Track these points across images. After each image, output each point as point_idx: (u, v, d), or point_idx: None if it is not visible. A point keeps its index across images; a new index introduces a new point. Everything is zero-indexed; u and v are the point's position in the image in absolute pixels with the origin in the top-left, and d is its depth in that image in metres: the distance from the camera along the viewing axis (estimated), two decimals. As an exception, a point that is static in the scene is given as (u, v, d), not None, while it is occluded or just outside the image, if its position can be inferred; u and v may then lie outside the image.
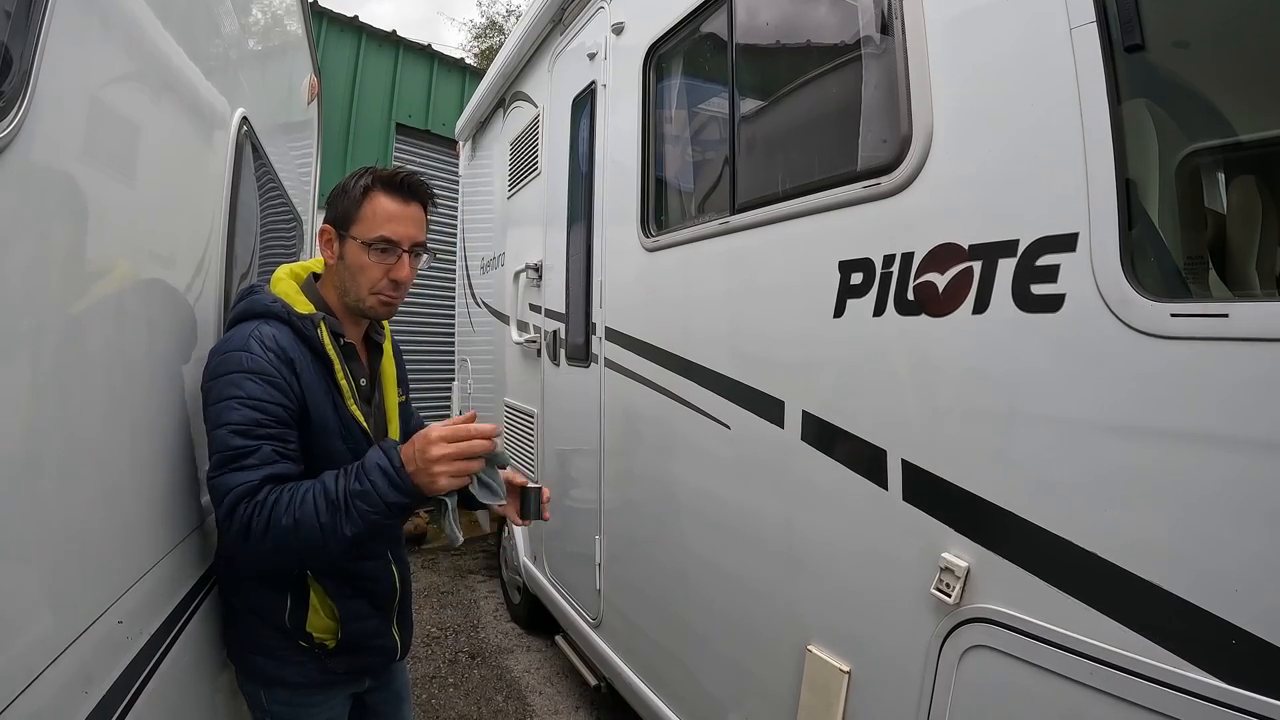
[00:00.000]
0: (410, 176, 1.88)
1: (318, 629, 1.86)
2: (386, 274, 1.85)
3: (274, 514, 1.57)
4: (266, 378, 1.68)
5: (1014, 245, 1.52)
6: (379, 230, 1.82)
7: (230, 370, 1.68)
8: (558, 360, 4.07)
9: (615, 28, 3.38)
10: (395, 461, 1.63)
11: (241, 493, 1.58)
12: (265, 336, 1.73)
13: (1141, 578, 1.31)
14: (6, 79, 0.98)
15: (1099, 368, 1.38)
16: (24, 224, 1.06)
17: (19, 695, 1.02)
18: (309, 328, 1.79)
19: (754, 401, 2.31)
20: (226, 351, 1.71)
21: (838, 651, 2.01)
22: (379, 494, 1.60)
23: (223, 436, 1.62)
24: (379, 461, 1.64)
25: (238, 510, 1.57)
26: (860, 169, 1.92)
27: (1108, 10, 1.40)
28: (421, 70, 9.04)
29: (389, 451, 1.66)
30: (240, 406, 1.64)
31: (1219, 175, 2.04)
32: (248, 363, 1.68)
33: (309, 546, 1.59)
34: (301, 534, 1.58)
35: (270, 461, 1.64)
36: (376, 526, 1.62)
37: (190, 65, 1.82)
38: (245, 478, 1.60)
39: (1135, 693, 1.31)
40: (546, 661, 4.81)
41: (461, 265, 7.00)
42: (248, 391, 1.65)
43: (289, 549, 1.59)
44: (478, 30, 23.81)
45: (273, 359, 1.70)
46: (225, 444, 1.62)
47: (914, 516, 1.75)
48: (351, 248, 1.84)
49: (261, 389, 1.67)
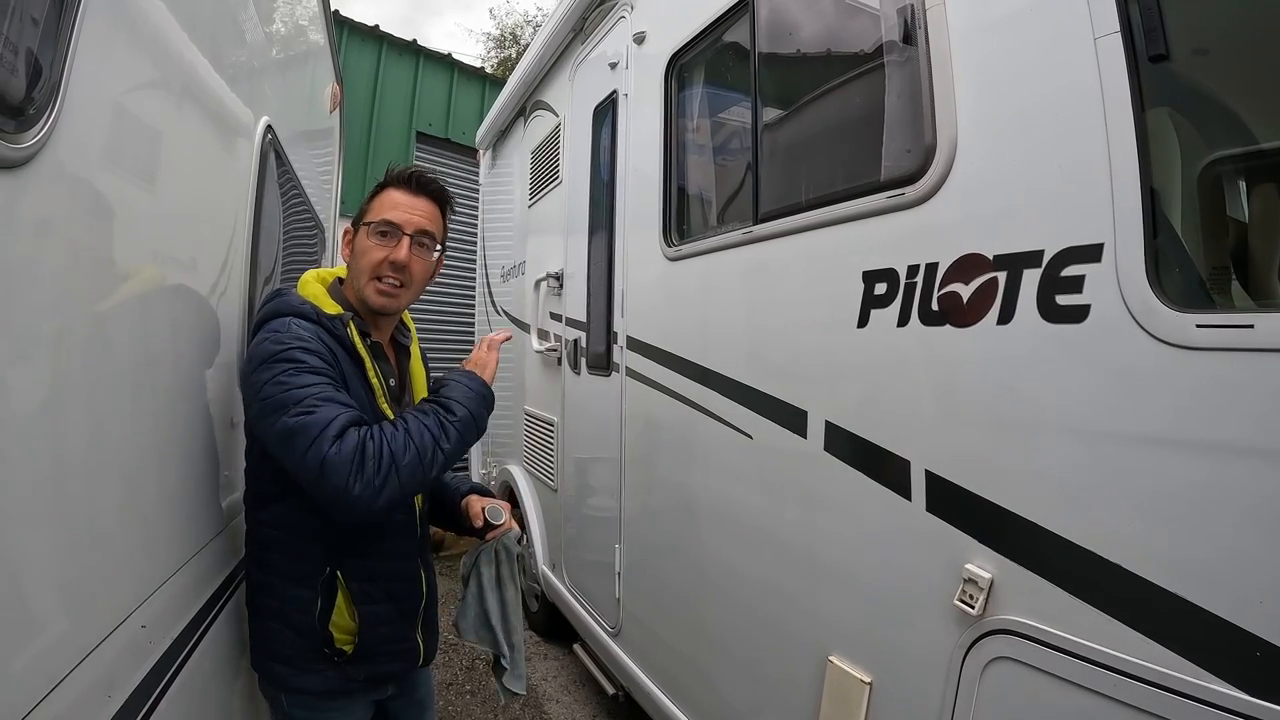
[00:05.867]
0: (421, 173, 1.96)
1: (339, 628, 1.87)
2: (386, 256, 1.88)
3: (390, 441, 1.67)
4: (312, 352, 1.71)
5: (1039, 256, 1.51)
6: (383, 214, 1.91)
7: (273, 355, 1.68)
8: (578, 369, 4.08)
9: (637, 37, 3.39)
10: (475, 382, 1.94)
11: (346, 420, 1.63)
12: (302, 325, 1.76)
13: (1166, 590, 1.30)
14: (37, 87, 1.00)
15: (1124, 379, 1.37)
16: (53, 229, 1.08)
17: (43, 699, 1.04)
18: (339, 327, 1.82)
19: (776, 411, 2.31)
20: (264, 342, 1.72)
21: (859, 662, 2.00)
22: (464, 390, 1.90)
23: (293, 394, 1.64)
24: (465, 388, 1.91)
25: (347, 435, 1.61)
26: (884, 179, 1.91)
27: (1132, 20, 1.40)
28: (442, 79, 9.07)
29: (468, 378, 1.95)
30: (297, 373, 1.67)
31: (1240, 183, 2.03)
32: (292, 339, 1.70)
33: (423, 459, 1.71)
34: (424, 442, 1.72)
35: (349, 406, 1.69)
36: (466, 437, 1.83)
37: (215, 74, 1.84)
38: (339, 411, 1.64)
39: (1159, 705, 1.30)
40: (564, 670, 4.81)
41: (482, 273, 7.01)
42: (299, 362, 1.68)
43: (403, 472, 1.66)
44: (494, 41, 23.94)
45: (311, 340, 1.74)
46: (299, 399, 1.63)
47: (937, 527, 1.74)
48: (360, 236, 1.92)
49: (309, 360, 1.70)
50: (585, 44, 4.15)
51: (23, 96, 0.96)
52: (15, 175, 0.94)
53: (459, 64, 9.37)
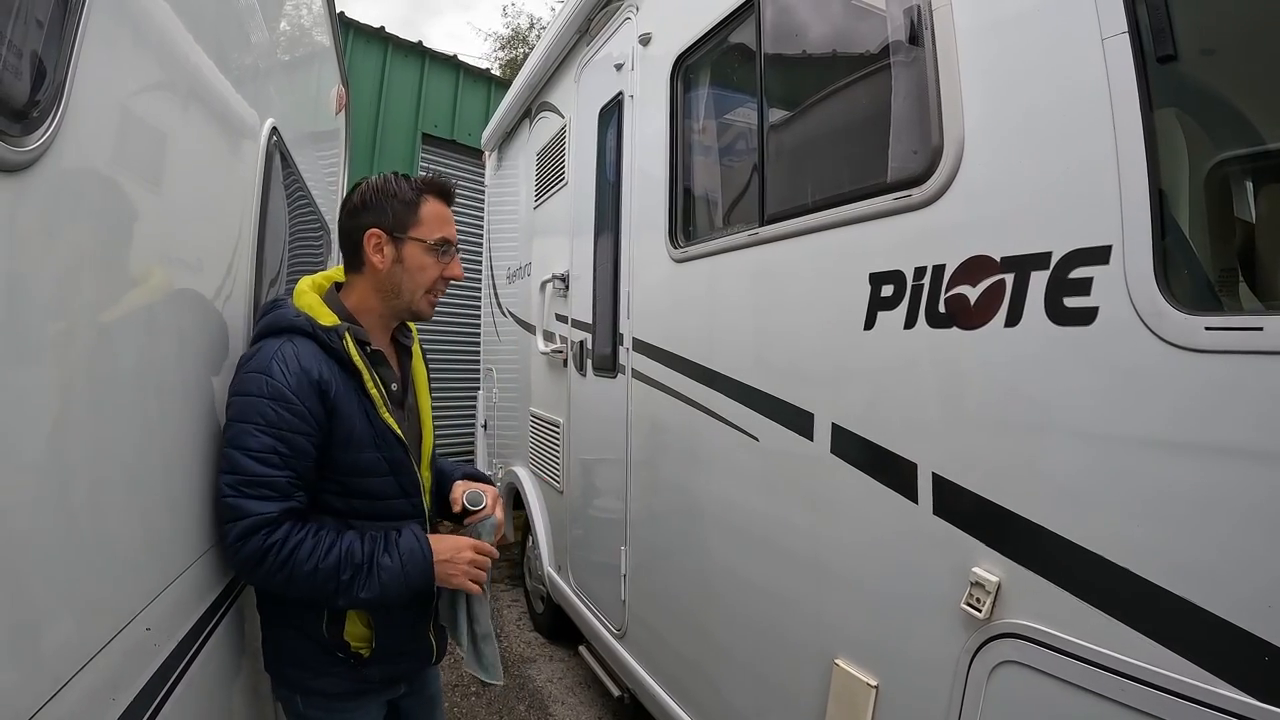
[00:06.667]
0: (449, 182, 2.02)
1: (355, 637, 1.88)
2: (441, 272, 1.97)
3: (296, 555, 1.68)
4: (287, 405, 1.71)
5: (1046, 258, 1.50)
6: (440, 232, 1.95)
7: (250, 392, 1.72)
8: (584, 370, 4.08)
9: (642, 38, 3.39)
10: (427, 551, 1.84)
11: (260, 522, 1.67)
12: (288, 357, 1.75)
13: (1175, 593, 1.29)
14: (41, 89, 0.99)
15: (1133, 381, 1.37)
16: (57, 232, 1.07)
17: (48, 702, 1.03)
18: (334, 340, 1.81)
19: (783, 414, 2.30)
20: (249, 371, 1.75)
21: (865, 665, 2.00)
22: (405, 571, 1.79)
23: (240, 460, 1.68)
24: (413, 545, 1.82)
25: (253, 538, 1.66)
26: (891, 180, 1.91)
27: (1140, 21, 1.39)
28: (447, 80, 9.09)
29: (421, 539, 1.85)
30: (259, 433, 1.69)
31: (1247, 184, 2.02)
32: (268, 388, 1.71)
33: (320, 593, 1.73)
34: (318, 580, 1.70)
35: (287, 495, 1.72)
36: (386, 599, 1.78)
37: (220, 76, 1.84)
38: (264, 508, 1.67)
39: (1167, 709, 1.29)
40: (569, 671, 4.81)
41: (487, 275, 7.02)
42: (267, 419, 1.70)
43: (299, 588, 1.71)
44: (503, 41, 23.94)
45: (293, 382, 1.73)
46: (243, 467, 1.68)
47: (944, 530, 1.73)
48: (412, 250, 1.92)
49: (279, 417, 1.71)
50: (591, 45, 4.16)
51: (27, 99, 0.95)
52: (20, 178, 0.94)
53: (464, 65, 9.38)
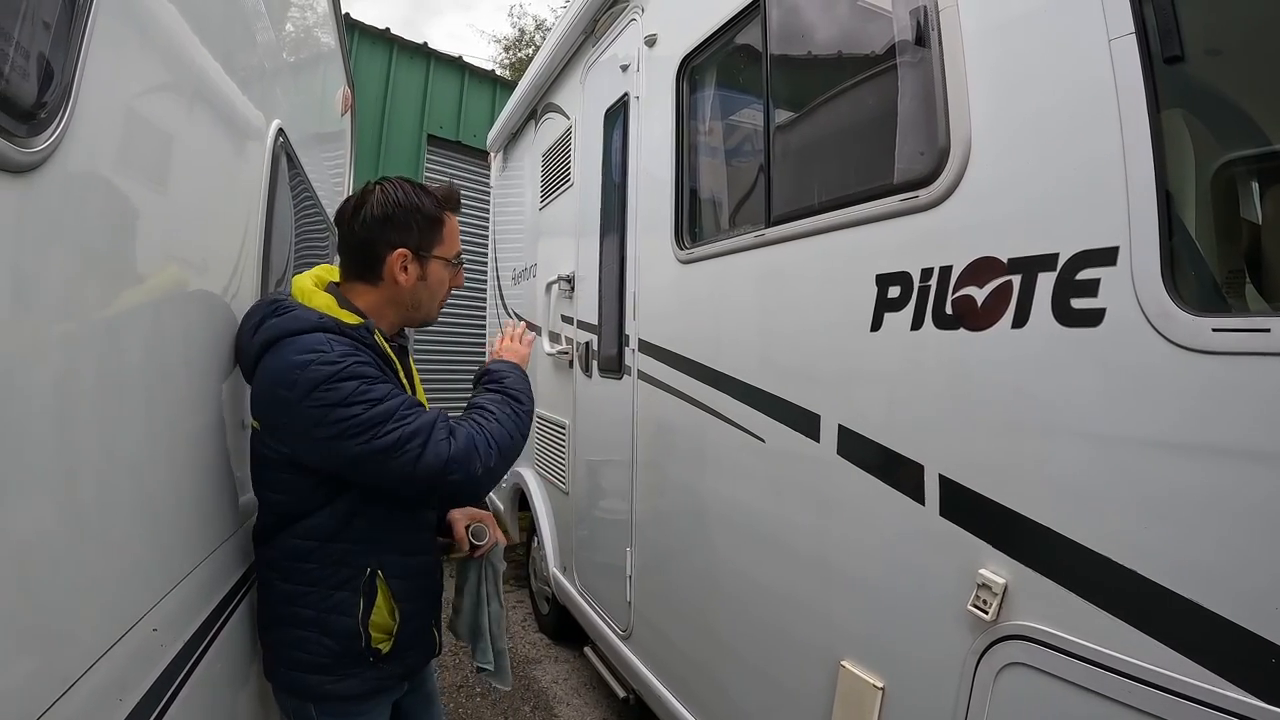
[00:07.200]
0: (460, 193, 2.07)
1: (378, 628, 1.89)
2: (451, 282, 2.07)
3: (473, 418, 1.88)
4: (370, 364, 1.76)
5: (1053, 259, 1.50)
6: (458, 247, 2.06)
7: (333, 375, 1.67)
8: (590, 372, 4.08)
9: (648, 39, 3.39)
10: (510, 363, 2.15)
11: (433, 418, 1.78)
12: (339, 341, 1.75)
13: (1182, 595, 1.29)
14: (49, 91, 0.99)
15: (1140, 383, 1.36)
16: (65, 233, 1.07)
17: (55, 702, 1.04)
18: (366, 336, 1.82)
19: (789, 415, 2.30)
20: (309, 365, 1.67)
21: (871, 667, 1.99)
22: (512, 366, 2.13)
23: (376, 415, 1.69)
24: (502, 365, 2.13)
25: (457, 429, 1.80)
26: (897, 181, 1.91)
27: (1147, 22, 1.39)
28: (452, 82, 9.09)
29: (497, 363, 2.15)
30: (372, 385, 1.72)
31: (1254, 185, 2.01)
32: (346, 359, 1.71)
33: (521, 427, 1.96)
34: (504, 416, 1.92)
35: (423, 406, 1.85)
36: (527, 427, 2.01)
37: (227, 77, 1.84)
38: (428, 416, 1.78)
39: (1173, 711, 1.29)
40: (575, 673, 4.81)
41: (493, 276, 7.03)
42: (359, 376, 1.71)
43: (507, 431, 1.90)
44: (508, 43, 23.97)
45: (362, 354, 1.76)
46: (385, 414, 1.70)
47: (951, 532, 1.73)
48: (435, 267, 1.99)
49: (373, 370, 1.75)
50: (596, 47, 4.16)
51: (34, 100, 0.96)
52: (27, 179, 0.94)
53: (470, 67, 9.38)
